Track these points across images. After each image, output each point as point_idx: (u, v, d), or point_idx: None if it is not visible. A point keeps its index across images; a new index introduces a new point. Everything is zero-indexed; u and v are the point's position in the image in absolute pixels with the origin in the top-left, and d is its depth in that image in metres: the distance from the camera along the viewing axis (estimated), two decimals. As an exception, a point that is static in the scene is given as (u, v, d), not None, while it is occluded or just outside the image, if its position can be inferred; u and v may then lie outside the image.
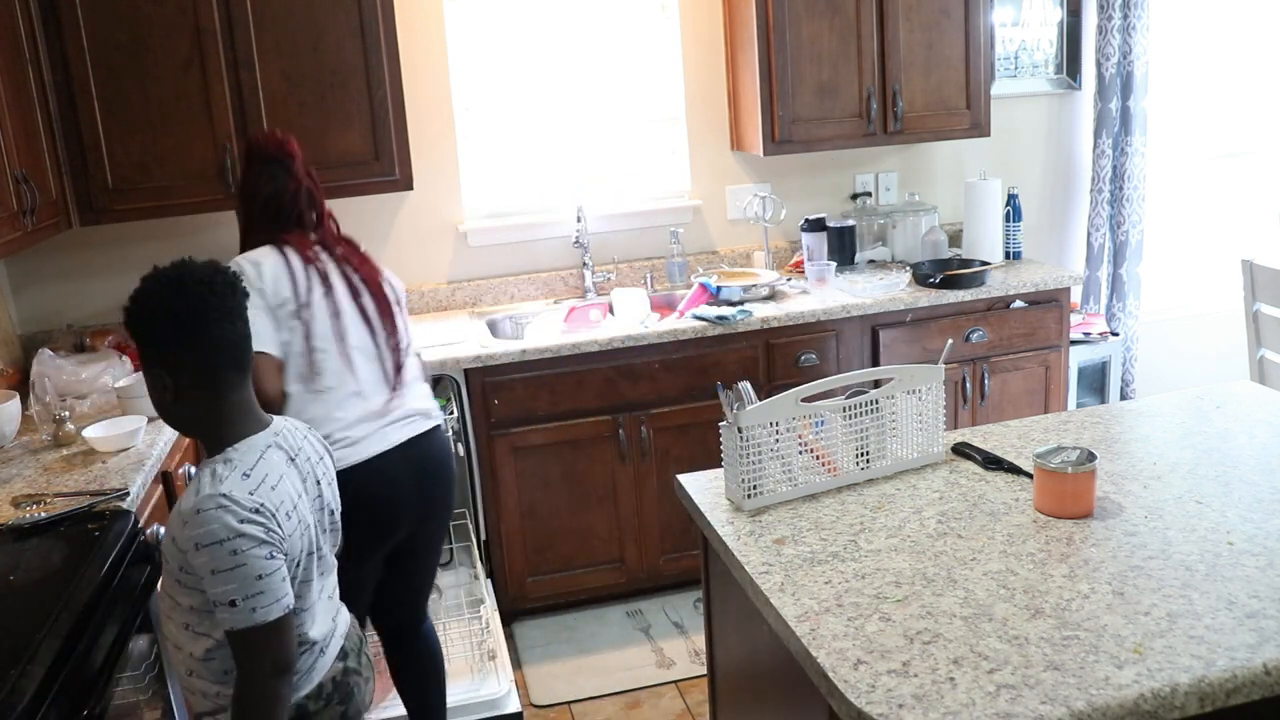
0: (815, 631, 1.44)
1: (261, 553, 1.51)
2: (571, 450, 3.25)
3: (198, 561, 1.50)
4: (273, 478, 1.59)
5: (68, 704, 1.58)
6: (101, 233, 3.35)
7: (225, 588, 1.49)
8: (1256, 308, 3.64)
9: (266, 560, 1.51)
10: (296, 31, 3.08)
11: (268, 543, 1.52)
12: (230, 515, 1.49)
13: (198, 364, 1.58)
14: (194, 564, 1.51)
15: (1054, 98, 4.16)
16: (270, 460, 1.61)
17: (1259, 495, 1.76)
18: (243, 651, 1.54)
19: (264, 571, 1.51)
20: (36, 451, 2.54)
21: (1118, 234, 4.18)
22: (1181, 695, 1.26)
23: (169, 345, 1.58)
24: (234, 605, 1.50)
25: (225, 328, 1.59)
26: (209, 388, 1.59)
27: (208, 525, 1.49)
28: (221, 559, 1.49)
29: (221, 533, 1.49)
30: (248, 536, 1.50)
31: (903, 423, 1.96)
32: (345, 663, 1.76)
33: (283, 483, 1.61)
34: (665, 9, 3.76)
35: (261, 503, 1.54)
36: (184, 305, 1.56)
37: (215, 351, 1.58)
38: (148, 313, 1.58)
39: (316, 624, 1.69)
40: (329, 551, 1.75)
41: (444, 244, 3.70)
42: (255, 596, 1.50)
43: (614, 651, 3.18)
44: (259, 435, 1.63)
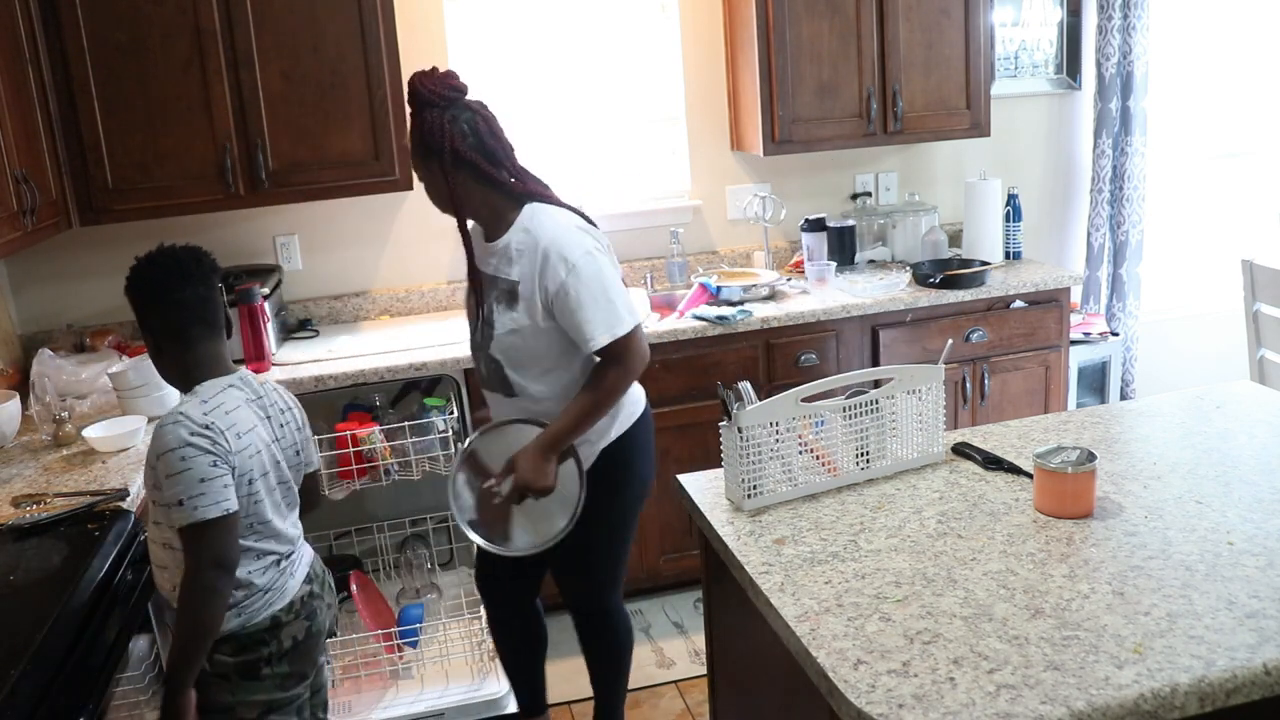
0: (815, 631, 1.44)
1: (206, 460, 1.80)
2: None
3: (159, 470, 1.80)
4: (228, 405, 1.88)
5: (68, 704, 1.58)
6: (101, 233, 3.34)
7: (175, 490, 1.78)
8: (1256, 308, 3.64)
9: (210, 467, 1.80)
10: (296, 31, 3.08)
11: (212, 453, 1.81)
12: (183, 429, 1.80)
13: (165, 321, 1.91)
14: (158, 474, 1.81)
15: (1054, 98, 4.16)
16: (229, 394, 1.91)
17: (1259, 495, 1.76)
18: (188, 546, 1.81)
19: (206, 476, 1.79)
20: (36, 451, 2.54)
21: (1118, 234, 4.18)
22: (1181, 695, 1.26)
23: (144, 308, 1.92)
24: (181, 504, 1.78)
25: (187, 291, 1.91)
26: (179, 340, 1.91)
27: (164, 437, 1.80)
28: (173, 464, 1.78)
29: (173, 442, 1.79)
30: (195, 446, 1.79)
31: (903, 423, 1.96)
32: (311, 587, 2.04)
33: (238, 411, 1.90)
34: (665, 9, 3.76)
35: (211, 421, 1.83)
36: (152, 274, 1.92)
37: (179, 310, 1.90)
38: (129, 285, 1.93)
39: (280, 542, 1.97)
40: (291, 483, 2.04)
41: (444, 244, 3.70)
42: (198, 496, 1.78)
43: (614, 651, 3.18)
44: (224, 378, 1.94)
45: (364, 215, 3.61)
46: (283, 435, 2.01)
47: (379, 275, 3.68)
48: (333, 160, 3.18)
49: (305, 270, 3.61)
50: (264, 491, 1.93)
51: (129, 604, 1.94)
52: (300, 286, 3.62)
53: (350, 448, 2.92)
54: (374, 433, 2.95)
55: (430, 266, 3.71)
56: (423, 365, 3.09)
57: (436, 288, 3.71)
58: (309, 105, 3.13)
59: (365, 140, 3.19)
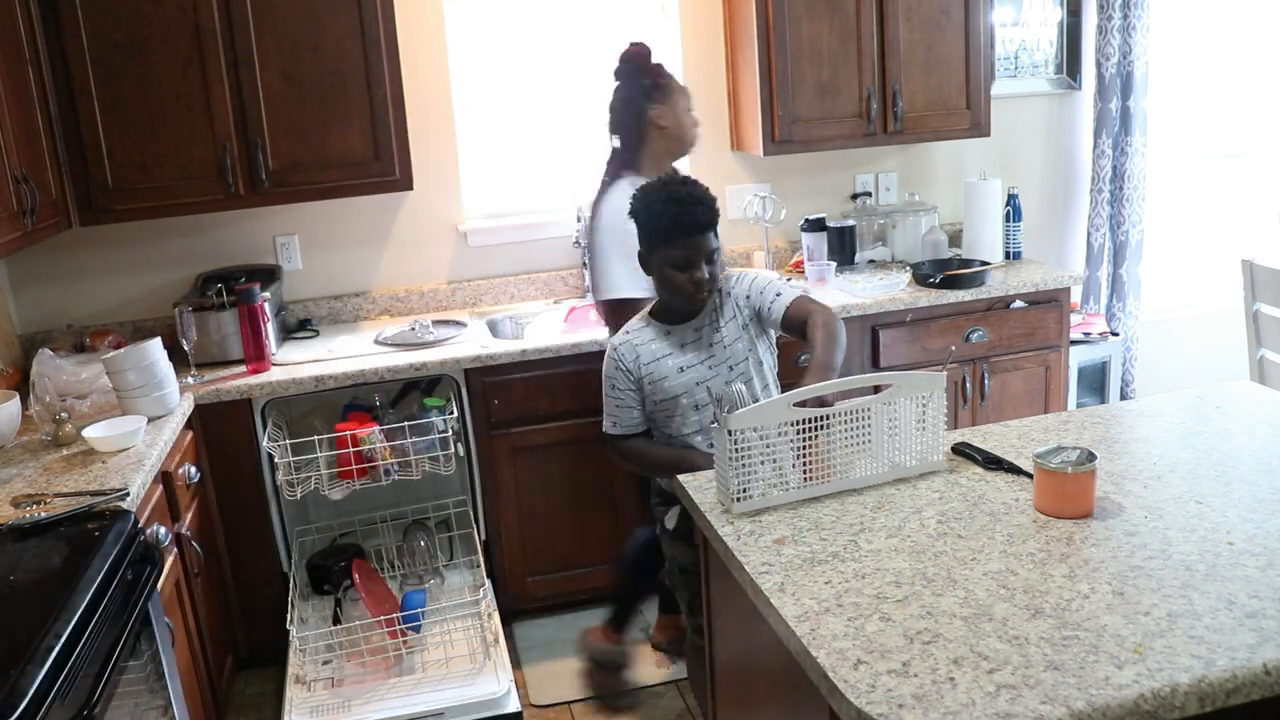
0: (815, 631, 1.44)
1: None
2: (571, 450, 3.25)
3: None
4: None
5: (68, 704, 1.58)
6: (101, 233, 3.35)
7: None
8: (1256, 308, 3.64)
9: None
10: (296, 31, 3.08)
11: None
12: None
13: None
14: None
15: (1054, 98, 4.16)
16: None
17: (1259, 495, 1.76)
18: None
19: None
20: (36, 451, 2.54)
21: (1118, 234, 4.18)
22: (1181, 695, 1.26)
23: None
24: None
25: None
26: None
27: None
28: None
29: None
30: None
31: (903, 430, 1.94)
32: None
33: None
34: (665, 9, 3.76)
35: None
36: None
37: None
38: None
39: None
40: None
41: (444, 244, 3.70)
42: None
43: (614, 651, 3.18)
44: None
45: (364, 215, 3.61)
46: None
47: (379, 275, 3.68)
48: (333, 160, 3.18)
49: (305, 270, 3.61)
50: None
51: (129, 604, 1.94)
52: (300, 286, 3.62)
53: (350, 448, 2.92)
54: (374, 433, 2.96)
55: (430, 266, 3.71)
56: (423, 365, 3.09)
57: (436, 288, 3.71)
58: (309, 105, 3.13)
59: (365, 140, 3.19)
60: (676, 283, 2.27)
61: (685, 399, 2.33)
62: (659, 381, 2.34)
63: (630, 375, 2.35)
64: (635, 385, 2.35)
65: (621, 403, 2.37)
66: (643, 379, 2.34)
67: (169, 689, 2.16)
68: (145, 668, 2.08)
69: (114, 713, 1.83)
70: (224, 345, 3.17)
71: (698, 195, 2.25)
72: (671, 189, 2.26)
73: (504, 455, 3.21)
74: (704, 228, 2.24)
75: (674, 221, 2.22)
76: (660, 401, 2.35)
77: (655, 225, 2.25)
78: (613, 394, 2.38)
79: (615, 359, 2.36)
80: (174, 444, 2.67)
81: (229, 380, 3.02)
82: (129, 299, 3.48)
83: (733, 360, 2.35)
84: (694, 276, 2.25)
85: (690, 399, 2.33)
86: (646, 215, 2.27)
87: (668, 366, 2.33)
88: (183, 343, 3.02)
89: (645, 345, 2.35)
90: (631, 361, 2.34)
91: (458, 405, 3.13)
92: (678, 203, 2.22)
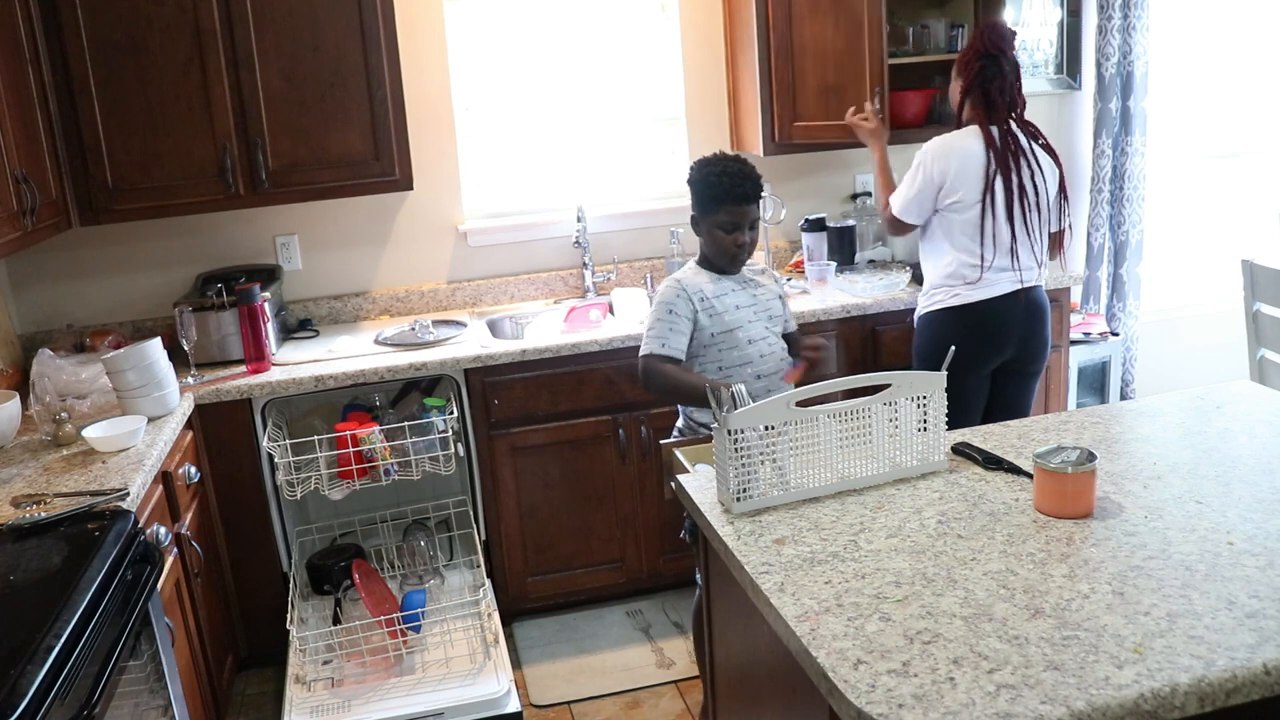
0: (815, 631, 1.44)
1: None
2: (571, 450, 3.25)
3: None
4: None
5: (68, 704, 1.58)
6: (101, 233, 3.35)
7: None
8: (1256, 308, 3.64)
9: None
10: (296, 31, 3.09)
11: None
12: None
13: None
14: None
15: (1054, 98, 4.16)
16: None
17: (1259, 495, 1.76)
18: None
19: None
20: (36, 451, 2.54)
21: (1118, 234, 4.18)
22: (1181, 695, 1.26)
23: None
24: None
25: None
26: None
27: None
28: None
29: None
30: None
31: (903, 429, 1.94)
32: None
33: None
34: (665, 9, 3.76)
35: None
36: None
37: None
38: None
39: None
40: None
41: (444, 244, 3.70)
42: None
43: (614, 651, 3.18)
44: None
45: (364, 215, 3.61)
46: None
47: (379, 275, 3.68)
48: (333, 160, 3.18)
49: (305, 270, 3.61)
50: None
51: (129, 604, 1.94)
52: (300, 286, 3.62)
53: (350, 448, 2.92)
54: (374, 433, 2.96)
55: (430, 266, 3.71)
56: (423, 365, 3.09)
57: (436, 288, 3.71)
58: (309, 105, 3.13)
59: (365, 140, 3.20)
60: (723, 243, 2.60)
61: (740, 332, 2.60)
62: (720, 314, 2.60)
63: (689, 305, 2.59)
64: (692, 315, 2.59)
65: (675, 327, 2.59)
66: (700, 312, 2.59)
67: (169, 689, 2.16)
68: (145, 668, 2.08)
69: (114, 713, 1.83)
70: (224, 345, 3.17)
71: (747, 171, 2.58)
72: (726, 164, 2.58)
73: (504, 455, 3.21)
74: (750, 199, 2.58)
75: (727, 191, 2.55)
76: (718, 333, 2.60)
77: (710, 194, 2.58)
78: (668, 318, 2.59)
79: (680, 287, 2.62)
80: (174, 444, 2.67)
81: (229, 380, 3.02)
82: (129, 299, 3.48)
83: (772, 312, 2.68)
84: (738, 239, 2.59)
85: (744, 333, 2.61)
86: (704, 184, 2.60)
87: (725, 302, 2.62)
88: (183, 343, 3.03)
89: (707, 284, 2.63)
90: (695, 293, 2.60)
91: (458, 405, 3.13)
92: (730, 176, 2.56)
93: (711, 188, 2.58)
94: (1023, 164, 2.94)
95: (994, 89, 2.92)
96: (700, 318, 2.60)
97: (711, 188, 2.58)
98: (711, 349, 2.61)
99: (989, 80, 2.92)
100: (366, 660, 2.83)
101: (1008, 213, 2.92)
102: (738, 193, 2.56)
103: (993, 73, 2.92)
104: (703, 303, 2.60)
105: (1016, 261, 2.97)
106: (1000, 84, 2.92)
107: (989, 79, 2.92)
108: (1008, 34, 2.95)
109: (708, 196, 2.60)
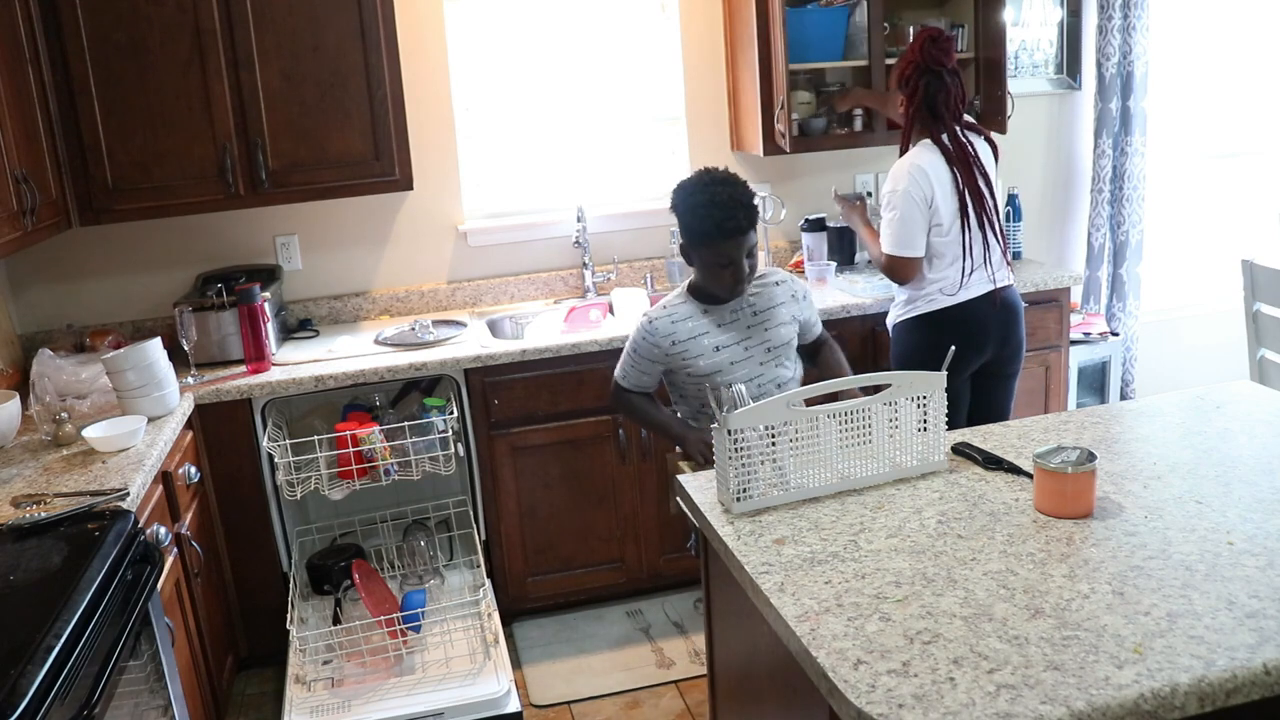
0: (815, 631, 1.44)
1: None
2: (571, 450, 3.25)
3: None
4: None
5: (68, 704, 1.58)
6: (101, 233, 3.35)
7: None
8: (1256, 308, 3.64)
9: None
10: (296, 31, 3.08)
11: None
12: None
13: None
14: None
15: (1054, 98, 4.16)
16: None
17: (1259, 495, 1.76)
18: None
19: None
20: (36, 451, 2.54)
21: (1118, 234, 4.18)
22: (1181, 695, 1.26)
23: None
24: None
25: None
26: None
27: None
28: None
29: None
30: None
31: (903, 429, 1.94)
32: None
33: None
34: (665, 9, 3.76)
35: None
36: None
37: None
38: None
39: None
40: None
41: (444, 244, 3.70)
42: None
43: (614, 651, 3.18)
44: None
45: (364, 215, 3.61)
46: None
47: (379, 275, 3.68)
48: (332, 160, 3.18)
49: (305, 270, 3.61)
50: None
51: (129, 604, 1.94)
52: (300, 286, 3.62)
53: (350, 448, 2.92)
54: (374, 433, 2.96)
55: (430, 266, 3.71)
56: (423, 365, 3.09)
57: (436, 288, 3.71)
58: (309, 105, 3.13)
59: (365, 140, 3.19)
60: (719, 277, 2.39)
61: (719, 377, 2.43)
62: (693, 360, 2.45)
63: (657, 350, 2.47)
64: (658, 360, 2.49)
65: (638, 367, 2.51)
66: (672, 356, 2.46)
67: (169, 689, 2.16)
68: (145, 668, 2.07)
69: (114, 713, 1.83)
70: (224, 345, 3.17)
71: (738, 198, 2.31)
72: (713, 191, 2.31)
73: (504, 455, 3.21)
74: (745, 229, 2.32)
75: (717, 227, 2.29)
76: (692, 375, 2.46)
77: (699, 228, 2.33)
78: (634, 357, 2.49)
79: (648, 333, 2.47)
80: (174, 444, 2.67)
81: (229, 380, 3.02)
82: (129, 299, 3.48)
83: (773, 343, 2.48)
84: (734, 274, 2.38)
85: (722, 377, 2.43)
86: (690, 216, 2.35)
87: (703, 345, 2.44)
88: (183, 343, 3.03)
89: (682, 323, 2.46)
90: (664, 338, 2.46)
91: (458, 405, 3.13)
92: (719, 207, 2.29)
93: (701, 221, 2.32)
94: (976, 169, 2.89)
95: (939, 103, 2.85)
96: (672, 361, 2.45)
97: (701, 221, 2.32)
98: (690, 388, 2.50)
99: (933, 96, 2.85)
100: (366, 660, 2.83)
101: (978, 220, 2.89)
102: (730, 226, 2.29)
103: (936, 87, 2.84)
104: (673, 347, 2.43)
105: (989, 264, 2.94)
106: (944, 97, 2.85)
107: (932, 95, 2.85)
108: (947, 44, 2.86)
109: (697, 230, 2.34)
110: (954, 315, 2.93)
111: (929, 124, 2.89)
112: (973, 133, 2.96)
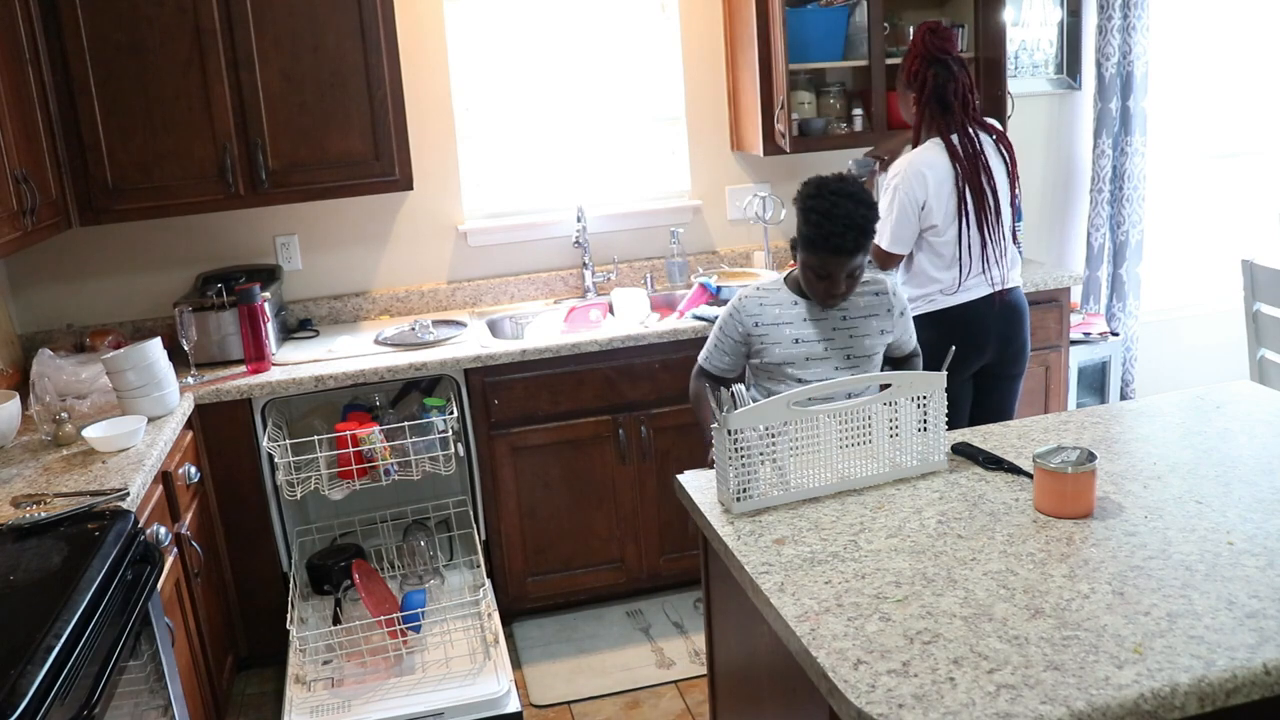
0: (815, 631, 1.44)
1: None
2: (571, 450, 3.25)
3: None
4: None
5: (68, 704, 1.58)
6: (101, 233, 3.35)
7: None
8: (1256, 308, 3.64)
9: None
10: (296, 31, 3.08)
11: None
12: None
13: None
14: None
15: (1054, 98, 4.16)
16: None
17: (1259, 495, 1.76)
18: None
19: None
20: (36, 451, 2.54)
21: (1118, 234, 4.18)
22: (1181, 695, 1.26)
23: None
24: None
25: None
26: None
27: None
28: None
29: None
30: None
31: (903, 429, 1.95)
32: None
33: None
34: (665, 9, 3.76)
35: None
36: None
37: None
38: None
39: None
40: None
41: (444, 244, 3.70)
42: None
43: (614, 651, 3.18)
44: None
45: (364, 215, 3.61)
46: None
47: (379, 275, 3.68)
48: (333, 160, 3.18)
49: (305, 270, 3.61)
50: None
51: (129, 604, 1.94)
52: (300, 286, 3.62)
53: (350, 448, 2.92)
54: (374, 433, 2.96)
55: (430, 266, 3.71)
56: (423, 365, 3.09)
57: (436, 288, 3.71)
58: (309, 105, 3.13)
59: (365, 140, 3.19)
60: (812, 285, 2.33)
61: (791, 369, 2.37)
62: (770, 346, 2.38)
63: (740, 329, 2.40)
64: (740, 339, 2.41)
65: (720, 346, 2.45)
66: (753, 338, 2.39)
67: (169, 689, 2.16)
68: (145, 668, 2.08)
69: (114, 713, 1.83)
70: (224, 345, 3.17)
71: (855, 219, 2.21)
72: (834, 202, 2.22)
73: (504, 455, 3.21)
74: (851, 251, 2.23)
75: (824, 239, 2.22)
76: (766, 362, 2.40)
77: (806, 232, 2.27)
78: (719, 334, 2.45)
79: (736, 309, 2.42)
80: (174, 444, 2.67)
81: (229, 380, 3.02)
82: (129, 299, 3.48)
83: (855, 351, 2.39)
84: (830, 289, 2.30)
85: (795, 370, 2.37)
86: (804, 216, 2.27)
87: (783, 333, 2.37)
88: (183, 343, 3.03)
89: (770, 308, 2.40)
90: (749, 317, 2.39)
91: (458, 405, 3.13)
92: (833, 220, 2.20)
93: (812, 227, 2.24)
94: (981, 169, 2.85)
95: (949, 93, 2.82)
96: (752, 344, 2.40)
97: (812, 227, 2.24)
98: (762, 375, 2.44)
99: (942, 85, 2.82)
100: (366, 660, 2.83)
101: (979, 222, 2.85)
102: (836, 243, 2.21)
103: (945, 77, 2.82)
104: (756, 328, 2.38)
105: (988, 267, 2.90)
106: (954, 87, 2.82)
107: (942, 84, 2.82)
108: (947, 34, 2.86)
109: (805, 234, 2.27)
110: (954, 315, 2.92)
111: (939, 116, 2.86)
112: (985, 132, 2.93)
